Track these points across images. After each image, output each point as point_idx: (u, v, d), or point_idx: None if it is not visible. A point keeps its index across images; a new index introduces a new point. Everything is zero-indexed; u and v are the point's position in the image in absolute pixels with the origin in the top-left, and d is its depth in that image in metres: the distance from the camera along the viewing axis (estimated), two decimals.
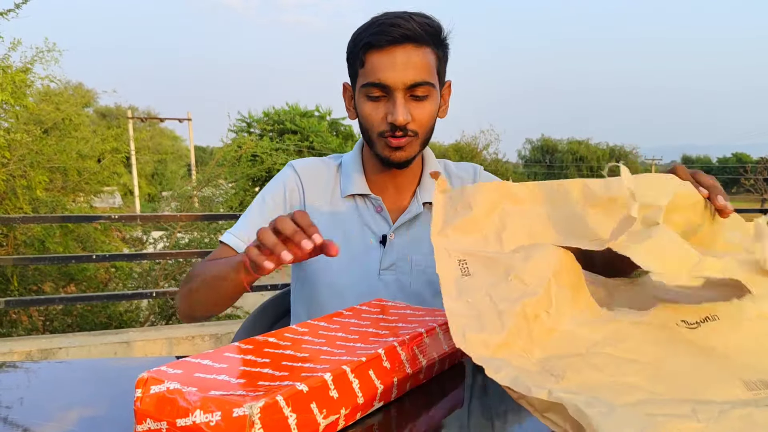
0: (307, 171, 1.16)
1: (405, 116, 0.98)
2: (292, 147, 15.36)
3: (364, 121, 1.05)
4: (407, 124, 1.00)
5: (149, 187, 26.21)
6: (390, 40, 0.97)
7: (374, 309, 0.87)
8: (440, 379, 0.76)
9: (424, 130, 1.04)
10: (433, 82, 1.01)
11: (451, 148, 26.56)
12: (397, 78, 0.98)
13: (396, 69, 0.97)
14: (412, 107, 1.00)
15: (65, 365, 0.90)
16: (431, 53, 1.01)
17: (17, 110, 5.41)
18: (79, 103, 7.04)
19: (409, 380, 0.69)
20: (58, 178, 5.90)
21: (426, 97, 1.01)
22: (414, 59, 0.98)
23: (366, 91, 1.02)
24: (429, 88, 1.01)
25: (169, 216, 4.83)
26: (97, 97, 22.20)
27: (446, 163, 1.23)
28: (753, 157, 62.56)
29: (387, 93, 1.00)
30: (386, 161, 1.06)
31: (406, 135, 1.01)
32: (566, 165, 36.58)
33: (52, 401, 0.70)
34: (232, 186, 7.27)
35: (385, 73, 0.98)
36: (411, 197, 1.14)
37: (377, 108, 1.01)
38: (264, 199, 1.14)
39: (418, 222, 1.12)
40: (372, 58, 0.99)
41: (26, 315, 5.14)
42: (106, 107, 30.42)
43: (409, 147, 1.03)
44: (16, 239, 5.24)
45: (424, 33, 0.98)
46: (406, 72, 0.97)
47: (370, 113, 1.02)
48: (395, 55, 0.98)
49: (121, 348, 3.53)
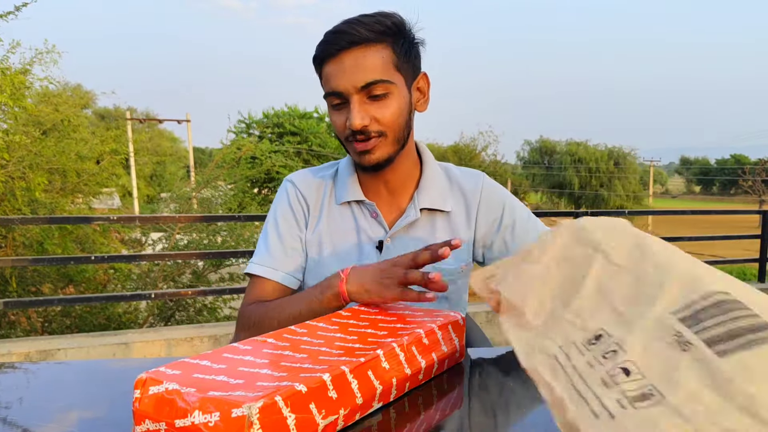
0: (305, 184, 1.17)
1: (361, 120, 0.98)
2: (291, 149, 15.34)
3: (335, 130, 1.07)
4: (366, 126, 1.00)
5: (148, 188, 26.18)
6: (337, 49, 0.98)
7: (372, 310, 0.87)
8: (439, 380, 0.76)
9: (392, 128, 1.02)
10: (390, 79, 1.00)
11: (450, 149, 26.54)
12: (348, 82, 0.98)
13: (345, 74, 0.98)
14: (373, 108, 1.00)
15: (64, 366, 0.90)
16: (385, 50, 1.00)
17: (16, 112, 5.40)
18: (77, 104, 7.02)
19: (408, 381, 0.69)
20: (57, 179, 5.89)
21: (386, 95, 1.00)
22: (362, 61, 0.98)
23: (329, 101, 1.04)
24: (387, 86, 1.00)
25: (168, 217, 4.82)
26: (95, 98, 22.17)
27: (448, 168, 1.21)
28: (751, 159, 62.64)
29: (344, 100, 1.01)
30: (360, 166, 1.07)
31: (369, 138, 1.01)
32: (565, 166, 36.54)
33: (51, 402, 0.70)
34: (232, 188, 7.27)
35: (336, 81, 0.99)
36: (408, 201, 1.13)
37: (340, 116, 1.03)
38: (277, 223, 1.14)
39: (415, 227, 1.12)
40: (325, 69, 1.01)
41: (25, 316, 5.14)
42: (105, 109, 30.42)
43: (377, 149, 1.02)
44: (14, 240, 5.23)
45: (371, 33, 0.98)
46: (355, 75, 0.98)
47: (335, 121, 1.04)
48: (343, 61, 0.98)
49: (119, 349, 3.53)
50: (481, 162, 25.61)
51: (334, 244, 1.12)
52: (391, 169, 1.09)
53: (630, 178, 35.75)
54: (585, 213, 5.06)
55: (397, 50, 1.01)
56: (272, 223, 1.15)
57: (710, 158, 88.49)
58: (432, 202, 1.12)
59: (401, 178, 1.13)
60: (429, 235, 1.11)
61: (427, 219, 1.12)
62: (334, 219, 1.13)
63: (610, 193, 34.34)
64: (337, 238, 1.12)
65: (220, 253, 5.19)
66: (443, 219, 1.13)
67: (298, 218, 1.14)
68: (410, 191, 1.14)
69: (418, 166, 1.16)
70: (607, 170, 35.40)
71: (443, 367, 0.77)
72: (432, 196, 1.12)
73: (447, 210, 1.13)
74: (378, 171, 1.07)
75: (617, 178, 35.30)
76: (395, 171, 1.11)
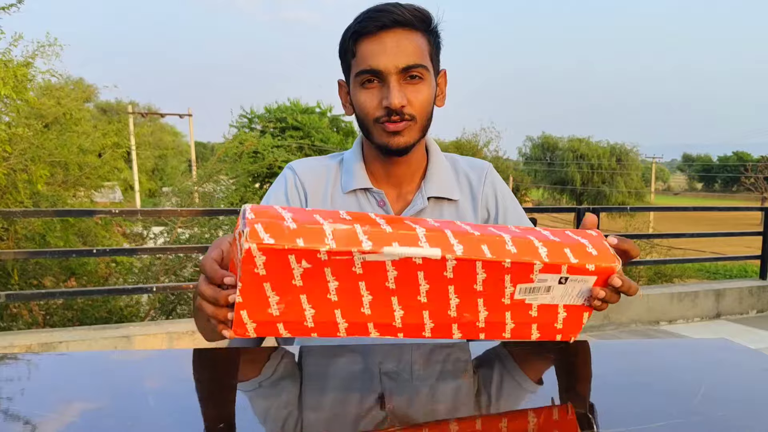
0: (307, 171, 1.14)
1: (400, 99, 0.97)
2: (293, 144, 15.34)
3: (360, 110, 1.03)
4: (403, 107, 0.98)
5: (150, 182, 26.21)
6: (379, 26, 0.97)
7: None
8: (444, 374, 0.76)
9: (422, 114, 1.02)
10: (427, 66, 1.01)
11: (452, 145, 26.53)
12: (389, 62, 0.97)
13: (387, 53, 0.97)
14: (408, 91, 0.99)
15: (66, 357, 0.90)
16: (422, 38, 1.01)
17: (18, 104, 5.40)
18: (80, 97, 7.03)
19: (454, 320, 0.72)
20: (59, 172, 5.90)
21: (421, 79, 1.00)
22: (405, 43, 0.98)
23: (360, 79, 1.01)
24: (423, 71, 1.00)
25: (169, 211, 4.82)
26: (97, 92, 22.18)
27: (454, 158, 1.20)
28: (754, 156, 62.49)
29: (381, 79, 0.99)
30: (385, 148, 1.04)
31: (403, 119, 0.99)
32: (567, 163, 36.51)
33: (53, 393, 0.70)
34: (233, 182, 7.27)
35: (377, 59, 0.97)
36: (416, 190, 1.12)
37: (372, 95, 1.00)
38: (268, 203, 1.12)
39: (423, 216, 1.10)
40: (362, 46, 0.99)
41: (27, 309, 5.15)
42: (107, 102, 30.42)
43: (407, 132, 1.01)
44: (17, 233, 5.24)
45: (413, 18, 0.99)
46: (397, 56, 0.97)
47: (365, 101, 1.01)
48: (385, 40, 0.97)
49: (121, 342, 3.54)
50: (483, 158, 25.57)
51: None
52: (404, 158, 1.09)
53: (632, 175, 35.72)
54: (587, 209, 5.06)
55: (430, 40, 1.03)
56: (263, 203, 1.14)
57: (712, 155, 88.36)
58: (439, 191, 1.11)
59: (411, 167, 1.12)
60: None
61: (434, 207, 1.12)
62: (338, 208, 1.11)
63: (612, 189, 34.32)
64: None
65: None
66: (451, 207, 1.13)
67: (291, 204, 1.11)
68: (417, 181, 1.13)
69: (425, 156, 1.15)
70: (609, 167, 35.37)
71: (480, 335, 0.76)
72: (439, 184, 1.12)
73: (455, 198, 1.12)
74: (400, 156, 1.06)
75: (619, 174, 35.27)
76: (407, 160, 1.10)
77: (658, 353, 0.96)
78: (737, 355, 0.95)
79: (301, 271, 0.63)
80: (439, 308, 0.71)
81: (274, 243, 0.60)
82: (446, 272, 0.67)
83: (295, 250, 0.61)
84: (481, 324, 0.74)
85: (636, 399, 0.74)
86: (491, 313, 0.73)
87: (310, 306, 0.67)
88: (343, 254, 0.63)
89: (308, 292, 0.66)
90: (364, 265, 0.65)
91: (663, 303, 5.08)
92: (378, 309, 0.69)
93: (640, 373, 0.81)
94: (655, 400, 0.74)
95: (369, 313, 0.69)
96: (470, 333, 0.75)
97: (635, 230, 11.86)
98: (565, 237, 0.73)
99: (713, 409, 0.71)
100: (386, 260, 0.65)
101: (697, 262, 11.65)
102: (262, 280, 0.63)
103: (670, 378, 0.83)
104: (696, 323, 5.19)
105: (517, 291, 0.72)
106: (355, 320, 0.70)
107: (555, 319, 0.77)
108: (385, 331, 0.71)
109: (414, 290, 0.68)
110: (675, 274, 10.39)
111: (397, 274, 0.66)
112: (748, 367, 0.90)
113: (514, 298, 0.72)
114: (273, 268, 0.62)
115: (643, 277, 9.34)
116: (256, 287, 0.63)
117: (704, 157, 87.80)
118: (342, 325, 0.69)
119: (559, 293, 0.74)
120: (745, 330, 4.98)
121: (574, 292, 0.74)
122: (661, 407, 0.72)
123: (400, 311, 0.70)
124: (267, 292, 0.64)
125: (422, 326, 0.72)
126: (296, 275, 0.64)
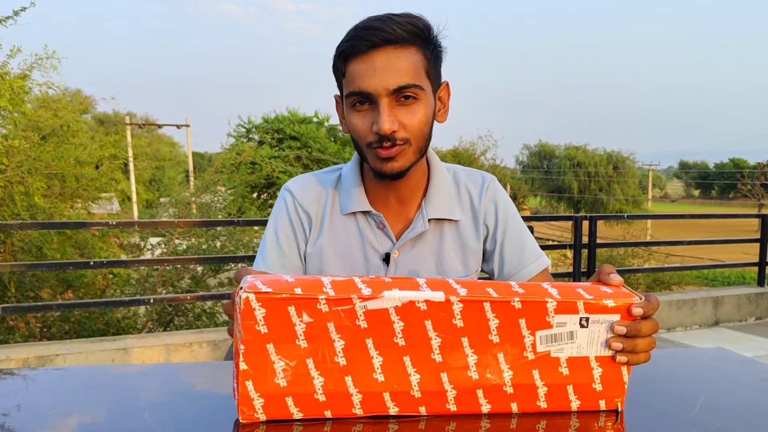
0: (305, 192, 1.11)
1: (391, 124, 0.92)
2: (291, 155, 15.35)
3: (353, 133, 0.99)
4: (394, 132, 0.93)
5: (147, 193, 26.14)
6: (369, 46, 0.91)
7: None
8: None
9: (417, 136, 0.96)
10: (421, 85, 0.94)
11: (449, 153, 26.52)
12: (379, 84, 0.91)
13: (377, 75, 0.91)
14: (401, 114, 0.93)
15: (63, 372, 0.89)
16: (417, 54, 0.94)
17: (15, 117, 5.40)
18: (77, 109, 7.04)
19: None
20: (56, 184, 5.88)
21: (416, 99, 0.94)
22: (395, 62, 0.92)
23: (350, 101, 0.96)
24: (417, 91, 0.94)
25: (166, 222, 4.81)
26: (95, 103, 22.20)
27: (456, 170, 1.15)
28: (750, 163, 62.70)
29: (371, 101, 0.93)
30: (379, 174, 0.99)
31: (395, 144, 0.94)
32: (564, 170, 36.56)
33: (50, 408, 0.70)
34: (231, 193, 7.26)
35: (365, 81, 0.92)
36: (416, 211, 1.08)
37: (364, 118, 0.95)
38: (277, 236, 1.10)
39: (423, 238, 1.07)
40: (351, 66, 0.94)
41: (23, 322, 5.12)
42: (104, 114, 30.41)
43: (401, 157, 0.96)
44: (13, 246, 5.22)
45: (405, 33, 0.92)
46: (387, 77, 0.91)
47: (356, 124, 0.96)
48: (374, 60, 0.91)
49: (118, 355, 3.52)
50: (480, 166, 25.60)
51: (338, 257, 1.07)
52: (404, 179, 1.03)
53: (629, 182, 35.76)
54: (584, 217, 5.06)
55: (427, 55, 0.96)
56: (272, 235, 1.10)
57: (709, 162, 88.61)
58: (440, 212, 1.07)
59: (411, 187, 1.07)
60: (437, 246, 1.08)
61: (435, 229, 1.08)
62: (337, 231, 1.08)
63: (609, 197, 34.34)
64: (341, 250, 1.07)
65: (219, 258, 5.18)
66: (452, 228, 1.09)
67: (297, 232, 1.09)
68: (418, 200, 1.08)
69: (426, 173, 1.10)
70: (606, 174, 35.40)
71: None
72: (440, 205, 1.07)
73: (455, 219, 1.08)
74: (394, 180, 1.01)
75: (616, 182, 35.31)
76: (407, 181, 1.04)
77: (656, 364, 0.96)
78: (735, 364, 0.95)
79: (304, 327, 0.62)
80: (457, 369, 0.67)
81: (272, 291, 0.61)
82: (455, 320, 0.65)
83: (294, 300, 0.61)
84: (508, 388, 0.69)
85: (634, 410, 0.74)
86: (516, 372, 0.68)
87: (318, 373, 0.64)
88: (343, 302, 0.62)
89: (314, 355, 0.64)
90: (367, 316, 0.63)
91: (661, 311, 5.08)
92: (391, 373, 0.66)
93: (638, 384, 0.81)
94: (653, 411, 0.74)
95: (383, 379, 0.66)
96: (499, 402, 0.69)
97: (633, 238, 11.85)
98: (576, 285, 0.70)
99: (712, 420, 0.71)
100: (389, 308, 0.63)
101: (696, 269, 11.64)
102: (264, 340, 0.62)
103: (669, 389, 0.83)
104: (695, 331, 5.18)
105: (538, 340, 0.67)
106: (370, 389, 0.66)
107: (591, 377, 0.70)
108: (406, 405, 0.67)
109: (426, 346, 0.66)
110: (673, 281, 10.38)
111: (403, 326, 0.64)
112: (745, 377, 0.90)
113: (537, 351, 0.68)
114: (274, 323, 0.62)
115: (642, 284, 9.33)
116: (260, 349, 0.62)
117: (701, 164, 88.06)
118: (356, 398, 0.66)
119: (585, 340, 0.68)
120: (744, 337, 4.98)
121: (601, 339, 0.68)
122: (659, 418, 0.72)
123: (416, 375, 0.66)
124: (272, 356, 0.63)
125: (444, 394, 0.68)
126: (299, 333, 0.63)
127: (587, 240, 5.00)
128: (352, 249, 1.07)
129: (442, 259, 1.08)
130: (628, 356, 0.69)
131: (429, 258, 1.07)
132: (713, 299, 5.35)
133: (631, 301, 0.68)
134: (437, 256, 1.08)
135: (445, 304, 0.64)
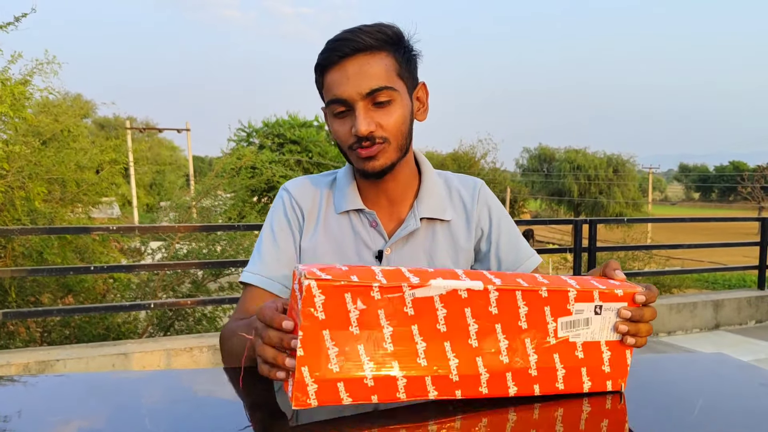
0: (302, 192, 1.16)
1: (367, 126, 0.99)
2: (291, 159, 15.37)
3: (336, 139, 1.06)
4: (372, 132, 1.00)
5: (147, 197, 26.20)
6: (340, 56, 0.99)
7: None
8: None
9: (395, 135, 1.02)
10: (393, 86, 1.01)
11: (449, 157, 26.59)
12: (353, 89, 0.98)
13: (350, 81, 0.99)
14: (377, 115, 1.00)
15: (64, 378, 0.90)
16: (388, 58, 1.01)
17: (16, 122, 5.41)
18: (77, 114, 7.02)
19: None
20: (57, 189, 5.89)
21: (389, 102, 1.01)
22: (366, 68, 0.99)
23: (331, 110, 1.03)
24: (390, 93, 1.00)
25: (167, 227, 4.82)
26: (95, 108, 22.25)
27: (447, 176, 1.21)
28: (750, 165, 62.77)
29: (348, 107, 1.00)
30: (364, 173, 1.06)
31: (374, 143, 1.01)
32: (564, 174, 36.59)
33: (51, 415, 0.70)
34: (231, 197, 7.27)
35: (341, 88, 0.99)
36: (408, 210, 1.13)
37: (343, 124, 1.02)
38: (273, 231, 1.14)
39: (416, 237, 1.11)
40: (328, 77, 1.01)
41: (24, 327, 5.12)
42: (105, 118, 30.50)
43: (381, 155, 1.02)
44: (14, 251, 5.23)
45: (374, 41, 0.99)
46: (360, 82, 0.98)
47: (337, 130, 1.04)
48: (347, 68, 0.99)
49: (119, 360, 3.52)
50: (480, 169, 25.66)
51: (332, 254, 1.11)
52: (391, 178, 1.09)
53: (629, 185, 35.81)
54: (584, 221, 5.07)
55: (398, 58, 1.03)
56: (268, 231, 1.15)
57: (709, 165, 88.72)
58: (432, 211, 1.12)
59: (401, 187, 1.12)
60: (429, 244, 1.11)
61: (427, 228, 1.12)
62: (331, 228, 1.12)
63: (609, 200, 34.38)
64: (335, 248, 1.11)
65: (219, 263, 5.19)
66: (443, 228, 1.13)
67: (293, 226, 1.13)
68: (410, 200, 1.14)
69: (416, 175, 1.16)
70: (606, 177, 35.46)
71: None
72: (431, 205, 1.12)
73: (447, 219, 1.13)
74: (380, 178, 1.07)
75: (616, 185, 35.35)
76: (395, 180, 1.10)
77: (655, 368, 0.96)
78: (733, 369, 0.96)
79: (357, 314, 0.66)
80: (490, 353, 0.73)
81: (331, 278, 0.64)
82: (491, 307, 0.71)
83: (350, 287, 0.65)
84: (533, 371, 0.75)
85: (633, 414, 0.74)
86: (540, 356, 0.75)
87: (368, 359, 0.68)
88: (394, 290, 0.67)
89: (365, 342, 0.67)
90: (415, 304, 0.68)
91: (662, 314, 5.08)
92: (433, 358, 0.70)
93: (638, 387, 0.81)
94: (652, 414, 0.74)
95: (425, 364, 0.70)
96: (525, 384, 0.75)
97: (633, 241, 11.86)
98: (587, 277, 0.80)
99: (710, 425, 0.72)
100: (435, 296, 0.68)
101: (696, 272, 11.65)
102: (321, 327, 0.65)
103: (668, 393, 0.83)
104: (695, 334, 5.18)
105: (560, 326, 0.75)
106: (413, 374, 0.70)
107: (601, 360, 0.78)
108: (444, 389, 0.72)
109: (464, 332, 0.71)
110: (674, 284, 10.38)
111: (446, 313, 0.69)
112: (744, 381, 0.90)
113: (558, 336, 0.75)
114: (331, 310, 0.65)
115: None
116: (316, 336, 0.65)
117: (701, 167, 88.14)
118: (401, 382, 0.70)
119: (597, 326, 0.77)
120: (744, 340, 4.98)
121: (611, 325, 0.77)
122: (658, 422, 0.72)
123: (455, 360, 0.71)
124: (326, 343, 0.65)
125: (478, 378, 0.73)
126: (353, 320, 0.66)
127: (587, 243, 5.00)
128: (346, 247, 1.11)
129: (433, 258, 1.11)
130: (634, 338, 0.79)
131: (421, 256, 1.10)
132: (713, 302, 5.35)
133: (636, 290, 0.77)
134: (429, 255, 1.11)
135: (483, 293, 0.70)
